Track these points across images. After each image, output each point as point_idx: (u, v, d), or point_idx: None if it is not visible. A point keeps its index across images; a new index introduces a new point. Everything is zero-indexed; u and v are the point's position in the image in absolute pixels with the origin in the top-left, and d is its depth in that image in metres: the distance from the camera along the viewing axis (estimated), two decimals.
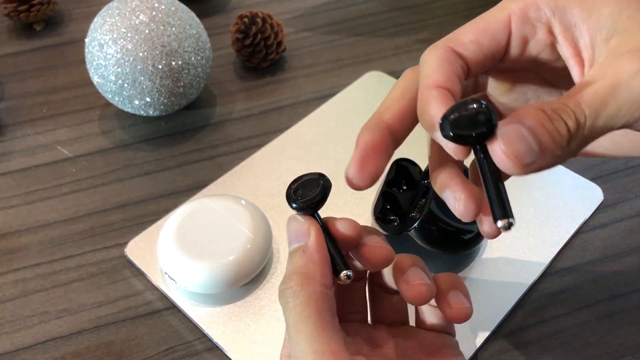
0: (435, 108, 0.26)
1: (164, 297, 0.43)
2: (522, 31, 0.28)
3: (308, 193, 0.29)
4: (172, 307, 0.43)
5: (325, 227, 0.30)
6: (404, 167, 0.46)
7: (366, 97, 0.57)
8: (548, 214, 0.47)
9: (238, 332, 0.41)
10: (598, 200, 0.48)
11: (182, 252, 0.41)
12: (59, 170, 0.52)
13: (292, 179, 0.31)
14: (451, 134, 0.24)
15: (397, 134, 0.30)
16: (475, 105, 0.24)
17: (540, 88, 0.31)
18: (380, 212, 0.44)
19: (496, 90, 0.32)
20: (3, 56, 0.64)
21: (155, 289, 0.43)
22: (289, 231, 0.29)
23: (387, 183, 0.45)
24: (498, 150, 0.24)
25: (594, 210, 0.48)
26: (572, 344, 0.40)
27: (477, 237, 0.42)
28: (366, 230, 0.30)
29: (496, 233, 0.27)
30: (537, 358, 0.40)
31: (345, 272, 0.28)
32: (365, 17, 0.69)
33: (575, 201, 0.48)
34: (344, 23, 0.68)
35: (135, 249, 0.45)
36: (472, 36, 0.28)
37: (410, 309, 0.34)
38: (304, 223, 0.29)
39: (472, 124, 0.24)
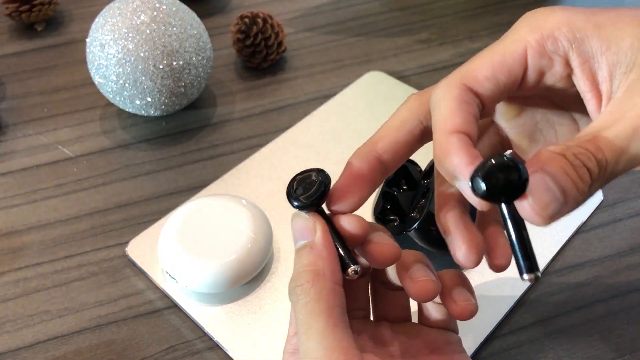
0: (457, 158, 0.25)
1: (164, 296, 0.43)
2: (539, 64, 0.27)
3: (309, 189, 0.29)
4: (173, 306, 0.43)
5: (331, 222, 0.29)
6: (404, 167, 0.46)
7: (366, 98, 0.57)
8: None
9: (239, 331, 0.41)
10: (597, 200, 0.48)
11: (183, 252, 0.41)
12: (60, 170, 0.52)
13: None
14: (484, 192, 0.24)
15: (388, 165, 0.30)
16: (508, 164, 0.23)
17: (549, 112, 0.31)
18: (380, 212, 0.44)
19: (504, 115, 0.31)
20: (4, 56, 0.64)
21: (156, 288, 0.44)
22: (294, 228, 0.29)
23: (387, 183, 0.45)
24: (527, 207, 0.23)
25: (594, 210, 0.48)
26: (572, 343, 0.41)
27: None
28: (372, 226, 0.30)
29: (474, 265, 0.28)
30: (536, 358, 0.40)
31: (353, 267, 0.28)
32: (366, 17, 0.69)
33: None
34: (344, 23, 0.68)
35: (136, 249, 0.45)
36: (488, 72, 0.27)
37: (413, 306, 0.35)
38: (309, 220, 0.29)
39: (505, 183, 0.23)
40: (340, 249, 0.29)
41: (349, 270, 0.28)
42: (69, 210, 0.49)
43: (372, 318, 0.35)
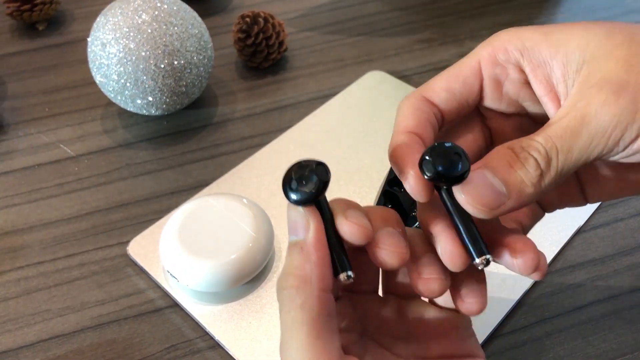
0: (398, 150, 0.27)
1: (166, 295, 0.43)
2: (493, 73, 0.29)
3: (307, 182, 0.26)
4: (174, 305, 0.43)
5: (331, 219, 0.27)
6: None
7: (368, 97, 0.57)
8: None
9: (240, 330, 0.41)
10: None
11: (184, 251, 0.41)
12: (61, 169, 0.52)
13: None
14: (432, 173, 0.25)
15: (443, 113, 0.30)
16: (454, 150, 0.25)
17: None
18: None
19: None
20: (6, 55, 0.64)
21: (157, 287, 0.44)
22: (288, 220, 0.27)
23: (389, 182, 0.45)
24: (460, 198, 0.25)
25: (595, 209, 0.48)
26: (572, 343, 0.41)
27: None
28: (381, 222, 0.28)
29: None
30: (537, 357, 0.40)
31: (344, 273, 0.26)
32: (367, 17, 0.69)
33: None
34: (345, 23, 0.68)
35: (138, 248, 0.45)
36: (443, 83, 0.29)
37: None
38: (303, 215, 0.26)
39: (449, 167, 0.25)
40: (334, 250, 0.26)
41: (341, 276, 0.26)
42: (70, 209, 0.49)
43: (380, 293, 0.33)
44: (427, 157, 0.25)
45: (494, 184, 0.25)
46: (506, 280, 0.43)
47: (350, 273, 0.26)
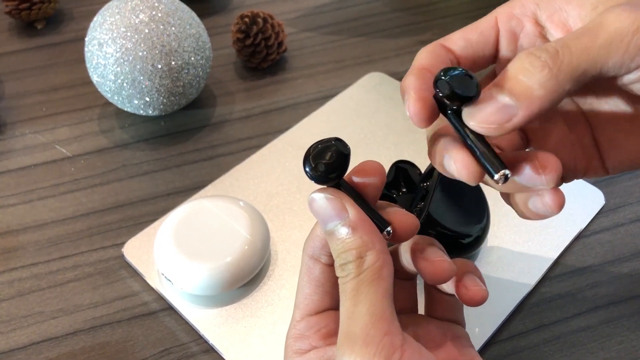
0: (408, 80, 0.27)
1: (160, 298, 0.43)
2: (509, 26, 0.30)
3: (328, 162, 0.27)
4: (169, 309, 0.42)
5: (353, 190, 0.28)
6: (403, 169, 0.45)
7: (367, 98, 0.57)
8: (549, 218, 0.46)
9: (234, 334, 0.40)
10: (599, 204, 0.48)
11: (179, 253, 0.41)
12: (57, 170, 0.52)
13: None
14: (447, 91, 0.25)
15: (460, 59, 0.30)
16: (464, 71, 0.25)
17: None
18: None
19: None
20: (4, 54, 0.64)
21: (151, 290, 0.43)
22: (319, 210, 0.28)
23: (386, 185, 0.45)
24: (468, 120, 0.25)
25: (595, 214, 0.47)
26: (571, 349, 0.40)
27: (476, 242, 0.42)
28: (424, 240, 0.30)
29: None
30: None
31: (386, 229, 0.28)
32: (367, 17, 0.69)
33: (577, 205, 0.47)
34: (345, 23, 0.68)
35: (132, 250, 0.45)
36: (461, 34, 0.30)
37: (420, 300, 0.34)
38: (334, 199, 0.28)
39: (463, 85, 0.25)
40: (370, 215, 0.28)
41: (384, 233, 0.28)
42: (66, 210, 0.49)
43: None
44: (442, 77, 0.25)
45: (499, 99, 0.24)
46: (504, 285, 0.43)
47: (389, 229, 0.28)
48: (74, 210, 0.49)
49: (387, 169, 0.45)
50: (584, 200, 0.48)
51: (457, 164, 0.26)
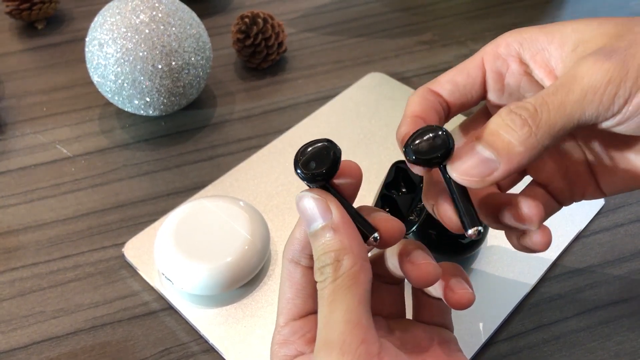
0: (401, 130, 0.30)
1: (160, 298, 0.43)
2: (495, 66, 0.31)
3: (318, 163, 0.28)
4: (169, 308, 0.42)
5: (340, 194, 0.28)
6: (403, 170, 0.45)
7: (367, 99, 0.57)
8: (549, 219, 0.46)
9: (234, 334, 0.40)
10: (599, 204, 0.48)
11: (179, 253, 0.41)
12: (58, 170, 0.52)
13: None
14: (413, 157, 0.27)
15: (448, 102, 0.32)
16: (433, 131, 0.27)
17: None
18: None
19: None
20: (4, 54, 0.64)
21: (152, 289, 0.43)
22: (305, 210, 0.28)
23: (386, 185, 0.45)
24: (452, 174, 0.27)
25: (595, 214, 0.47)
26: (571, 349, 0.40)
27: (476, 242, 0.42)
28: (411, 244, 0.31)
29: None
30: None
31: (373, 235, 0.28)
32: (367, 18, 0.69)
33: (576, 205, 0.47)
34: (345, 24, 0.68)
35: (133, 249, 0.45)
36: (449, 77, 0.32)
37: (408, 304, 0.34)
38: (320, 199, 0.28)
39: (430, 148, 0.27)
40: (356, 219, 0.28)
41: (370, 238, 0.28)
42: (66, 210, 0.49)
43: None
44: (407, 144, 0.27)
45: (481, 154, 0.26)
46: (504, 285, 0.43)
47: (376, 235, 0.28)
48: (75, 210, 0.49)
49: (387, 169, 0.45)
50: (583, 201, 0.48)
51: (441, 217, 0.29)
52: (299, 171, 0.28)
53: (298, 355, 0.30)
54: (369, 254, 0.30)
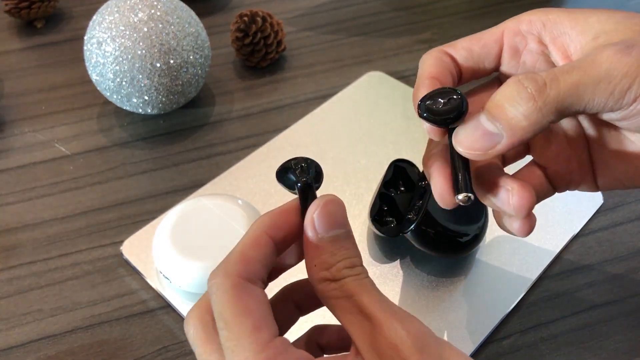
0: (421, 92, 0.29)
1: (158, 296, 0.43)
2: (513, 42, 0.31)
3: (308, 170, 0.28)
4: (167, 307, 0.42)
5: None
6: (401, 168, 0.45)
7: (366, 98, 0.57)
8: (547, 216, 0.46)
9: None
10: (597, 203, 0.48)
11: (177, 251, 0.41)
12: (56, 168, 0.52)
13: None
14: (424, 114, 0.27)
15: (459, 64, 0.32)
16: (449, 93, 0.27)
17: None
18: (377, 213, 0.44)
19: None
20: (3, 53, 0.64)
21: (150, 287, 0.43)
22: (337, 213, 0.26)
23: (385, 184, 0.45)
24: (454, 143, 0.27)
25: (594, 213, 0.47)
26: (569, 348, 0.40)
27: (474, 240, 0.42)
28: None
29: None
30: None
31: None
32: (366, 17, 0.69)
33: (575, 204, 0.47)
34: (344, 23, 0.68)
35: (131, 248, 0.45)
36: (465, 43, 0.32)
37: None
38: (344, 207, 0.27)
39: (443, 108, 0.27)
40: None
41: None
42: (65, 209, 0.49)
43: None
44: (421, 101, 0.28)
45: (485, 126, 0.26)
46: (502, 284, 0.43)
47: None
48: (73, 208, 0.49)
49: (385, 167, 0.45)
50: (582, 199, 0.48)
51: (435, 190, 0.29)
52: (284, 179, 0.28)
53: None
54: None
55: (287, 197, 0.50)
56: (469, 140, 0.27)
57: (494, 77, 0.34)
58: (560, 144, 0.32)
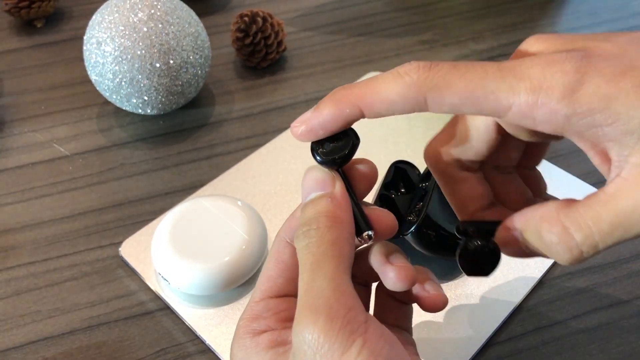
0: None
1: (157, 297, 0.43)
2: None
3: (335, 146, 0.28)
4: (165, 308, 0.42)
5: (349, 185, 0.28)
6: (402, 170, 0.45)
7: None
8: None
9: (231, 335, 0.40)
10: None
11: (175, 253, 0.40)
12: (55, 168, 0.52)
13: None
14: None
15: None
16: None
17: None
18: None
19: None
20: (3, 52, 0.64)
21: (148, 289, 0.43)
22: (309, 180, 0.28)
23: (385, 185, 0.44)
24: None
25: None
26: (570, 351, 0.40)
27: None
28: (391, 246, 0.30)
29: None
30: None
31: (367, 232, 0.27)
32: (367, 17, 0.68)
33: None
34: (345, 23, 0.67)
35: (130, 249, 0.45)
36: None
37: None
38: (327, 173, 0.28)
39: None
40: (356, 212, 0.28)
41: (364, 234, 0.27)
42: (63, 209, 0.48)
43: None
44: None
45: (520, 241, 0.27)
46: (503, 287, 0.42)
47: (371, 233, 0.28)
48: (72, 209, 0.49)
49: (386, 169, 0.45)
50: None
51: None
52: (314, 150, 0.28)
53: (267, 331, 0.28)
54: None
55: (287, 198, 0.50)
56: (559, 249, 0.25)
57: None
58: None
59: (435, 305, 0.30)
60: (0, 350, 0.40)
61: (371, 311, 0.33)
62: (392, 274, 0.29)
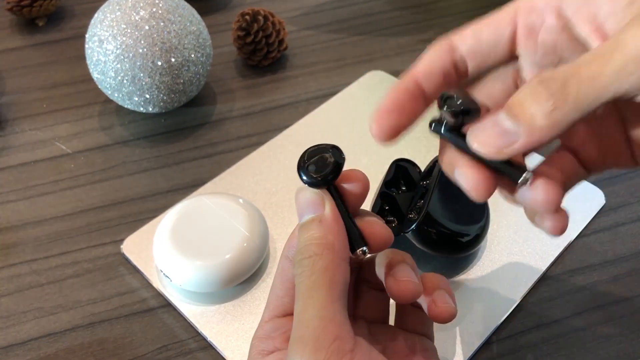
0: (386, 106, 0.29)
1: (159, 294, 0.43)
2: (528, 21, 0.27)
3: (321, 166, 0.28)
4: (167, 305, 0.42)
5: (342, 200, 0.29)
6: (403, 168, 0.45)
7: (367, 97, 0.57)
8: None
9: (232, 332, 0.40)
10: (600, 203, 0.48)
11: (177, 250, 0.41)
12: (57, 166, 0.52)
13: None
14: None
15: (426, 92, 0.30)
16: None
17: None
18: (378, 212, 0.43)
19: None
20: (5, 51, 0.64)
21: (150, 286, 0.43)
22: (300, 202, 0.28)
23: (386, 183, 0.45)
24: (473, 144, 0.25)
25: (596, 213, 0.47)
26: (571, 349, 0.40)
27: (475, 240, 0.42)
28: (397, 256, 0.30)
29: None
30: None
31: (361, 248, 0.28)
32: (368, 16, 0.68)
33: (577, 204, 0.47)
34: (346, 22, 0.68)
35: (132, 246, 0.45)
36: (473, 31, 0.29)
37: (391, 310, 0.34)
38: (318, 193, 0.28)
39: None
40: (349, 228, 0.28)
41: (358, 250, 0.28)
42: (65, 207, 0.49)
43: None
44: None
45: (503, 124, 0.24)
46: (504, 284, 0.42)
47: (365, 248, 0.28)
48: (74, 206, 0.49)
49: (387, 167, 0.45)
50: (584, 199, 0.48)
51: (468, 183, 0.27)
52: (301, 174, 0.28)
53: (274, 352, 0.29)
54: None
55: (288, 196, 0.50)
56: (485, 135, 0.25)
57: (509, 71, 0.31)
58: (590, 124, 0.29)
59: (440, 317, 0.30)
60: (3, 346, 0.40)
61: (392, 318, 0.34)
62: (391, 287, 0.29)
